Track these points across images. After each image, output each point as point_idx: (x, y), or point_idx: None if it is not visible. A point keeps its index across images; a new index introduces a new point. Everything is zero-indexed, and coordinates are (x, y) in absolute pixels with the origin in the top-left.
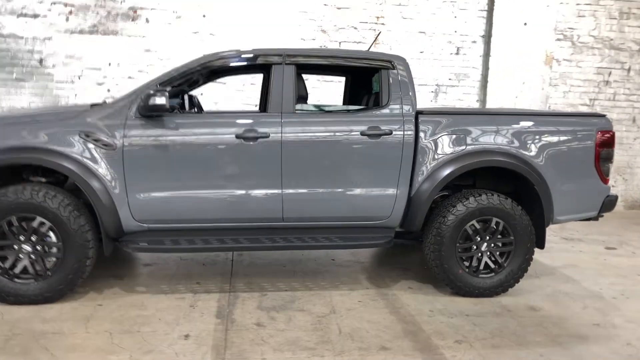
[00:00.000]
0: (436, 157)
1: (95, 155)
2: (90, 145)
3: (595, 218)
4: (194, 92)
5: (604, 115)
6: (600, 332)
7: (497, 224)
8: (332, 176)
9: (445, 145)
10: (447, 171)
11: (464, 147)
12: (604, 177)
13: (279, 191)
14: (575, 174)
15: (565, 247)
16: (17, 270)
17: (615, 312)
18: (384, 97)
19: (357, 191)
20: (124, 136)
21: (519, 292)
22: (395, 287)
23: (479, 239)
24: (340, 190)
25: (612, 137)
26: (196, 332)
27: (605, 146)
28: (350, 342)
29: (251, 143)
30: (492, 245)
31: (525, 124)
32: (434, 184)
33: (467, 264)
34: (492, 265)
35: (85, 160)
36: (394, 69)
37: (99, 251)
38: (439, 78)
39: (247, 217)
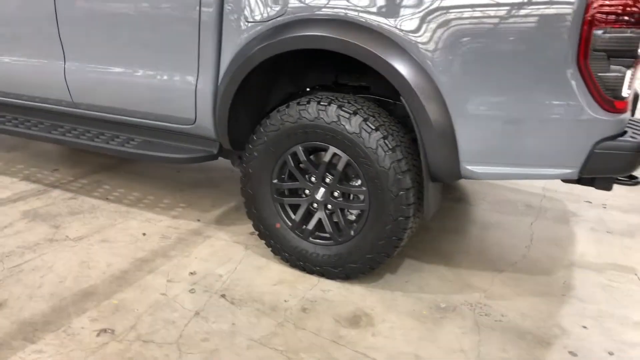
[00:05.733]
0: (242, 28)
1: None
2: None
3: (580, 181)
4: None
5: None
6: None
7: (337, 159)
8: (117, 46)
9: (255, 8)
10: (244, 56)
11: (280, 12)
12: (601, 93)
13: (61, 63)
14: (519, 83)
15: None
16: None
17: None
18: None
19: (143, 74)
20: None
21: (389, 283)
22: (238, 231)
23: (313, 179)
24: (126, 69)
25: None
26: None
27: (610, 23)
28: None
29: None
30: (337, 194)
31: None
32: (230, 76)
33: (293, 216)
34: (329, 229)
35: None
36: None
37: None
38: None
39: (32, 95)
